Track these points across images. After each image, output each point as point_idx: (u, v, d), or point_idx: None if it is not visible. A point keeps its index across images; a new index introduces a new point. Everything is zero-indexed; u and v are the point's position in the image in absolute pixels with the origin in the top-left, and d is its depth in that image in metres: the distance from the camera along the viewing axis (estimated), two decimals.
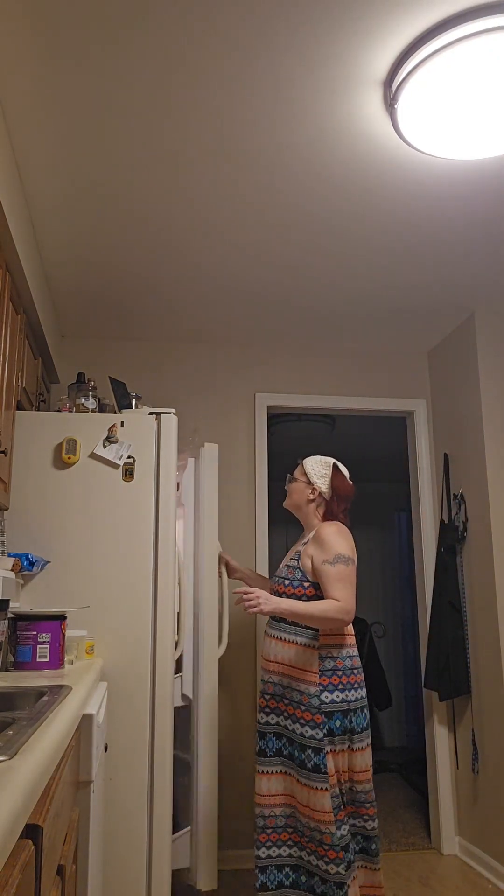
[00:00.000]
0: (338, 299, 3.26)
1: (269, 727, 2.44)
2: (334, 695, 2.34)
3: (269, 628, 2.51)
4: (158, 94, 1.94)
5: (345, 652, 2.40)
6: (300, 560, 2.47)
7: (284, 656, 2.42)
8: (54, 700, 1.43)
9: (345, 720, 2.33)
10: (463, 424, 3.46)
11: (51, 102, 1.97)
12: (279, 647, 2.44)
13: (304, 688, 2.35)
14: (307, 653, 2.38)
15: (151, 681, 2.49)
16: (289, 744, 2.38)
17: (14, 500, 2.56)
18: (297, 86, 1.90)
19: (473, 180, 2.33)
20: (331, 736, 2.32)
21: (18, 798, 0.78)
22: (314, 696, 2.33)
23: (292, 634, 2.42)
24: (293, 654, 2.40)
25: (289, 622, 2.43)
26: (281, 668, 2.42)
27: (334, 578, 2.35)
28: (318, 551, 2.42)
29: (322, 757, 2.28)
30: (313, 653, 2.37)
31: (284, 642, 2.43)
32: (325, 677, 2.35)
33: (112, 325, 3.52)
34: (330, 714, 2.32)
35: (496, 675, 3.06)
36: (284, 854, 2.37)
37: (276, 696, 2.43)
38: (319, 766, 2.28)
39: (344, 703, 2.34)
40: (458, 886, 3.02)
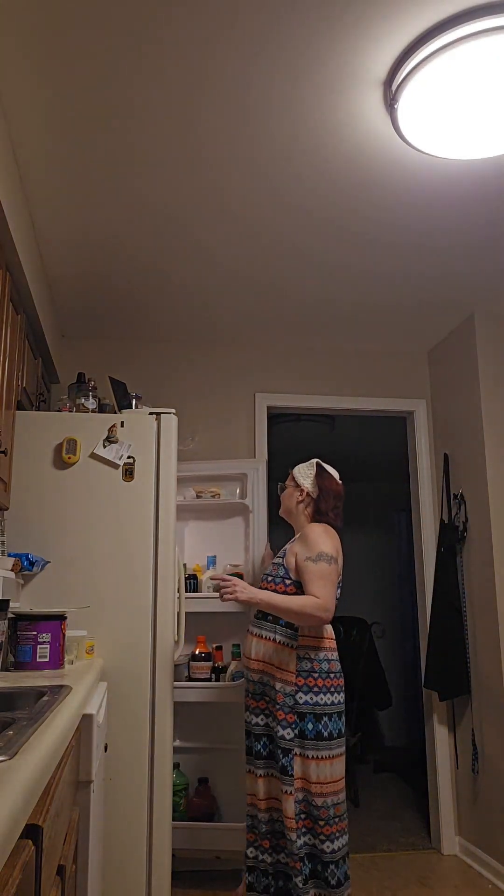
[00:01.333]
0: (338, 299, 3.26)
1: (259, 728, 2.45)
2: (308, 696, 2.33)
3: (251, 626, 2.54)
4: (159, 93, 1.94)
5: (322, 655, 2.39)
6: (285, 557, 2.50)
7: (264, 653, 2.45)
8: (54, 700, 1.43)
9: (318, 724, 2.31)
10: (463, 424, 3.46)
11: (51, 102, 1.97)
12: (259, 645, 2.47)
13: (280, 686, 2.37)
14: (285, 651, 2.39)
15: (151, 681, 2.49)
16: (270, 743, 2.41)
17: (14, 500, 2.56)
18: (298, 85, 1.90)
19: (473, 180, 2.33)
20: (301, 738, 2.31)
21: (18, 798, 0.78)
22: (289, 696, 2.33)
23: (272, 632, 2.44)
24: (272, 652, 2.42)
25: (270, 619, 2.45)
26: (261, 665, 2.45)
27: (315, 575, 2.35)
28: (302, 549, 2.44)
29: (290, 759, 2.28)
30: (291, 652, 2.38)
31: (264, 639, 2.46)
32: (301, 678, 2.34)
33: (112, 325, 3.52)
34: (302, 715, 2.31)
35: (496, 675, 3.06)
36: (268, 860, 2.37)
37: (257, 695, 2.46)
38: (286, 768, 2.28)
39: (318, 706, 2.33)
40: (458, 886, 3.02)
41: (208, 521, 3.53)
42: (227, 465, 3.49)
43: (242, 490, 3.51)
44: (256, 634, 2.49)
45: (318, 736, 2.31)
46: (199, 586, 3.32)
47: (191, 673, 3.23)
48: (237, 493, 3.49)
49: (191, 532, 3.52)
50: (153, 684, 2.49)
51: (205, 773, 3.29)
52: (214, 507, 3.48)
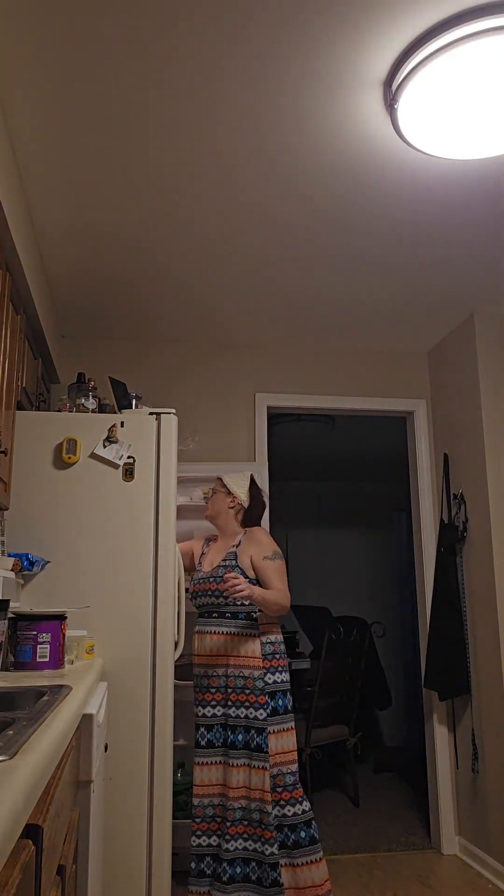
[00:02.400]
0: (338, 299, 3.26)
1: (216, 719, 2.63)
2: (276, 676, 2.62)
3: (200, 626, 2.75)
4: (159, 94, 1.94)
5: (278, 637, 2.71)
6: (238, 559, 2.73)
7: (228, 647, 2.65)
8: (54, 700, 1.43)
9: (285, 699, 2.60)
10: (463, 424, 3.46)
11: (51, 102, 1.97)
12: (220, 640, 2.67)
13: (249, 672, 2.60)
14: (248, 640, 2.64)
15: (151, 681, 2.49)
16: (229, 731, 2.58)
17: (14, 500, 2.56)
18: (298, 85, 1.90)
19: (473, 180, 2.33)
20: (273, 715, 2.57)
21: (18, 798, 0.78)
22: (258, 679, 2.58)
23: (231, 626, 2.68)
24: (235, 644, 2.65)
25: (227, 616, 2.68)
26: (225, 659, 2.65)
27: (276, 571, 2.68)
28: (256, 550, 2.72)
29: (264, 737, 2.53)
30: (255, 640, 2.64)
31: (225, 635, 2.67)
32: (267, 661, 2.62)
33: (112, 325, 3.52)
34: (273, 694, 2.59)
35: (496, 675, 3.06)
36: (215, 844, 2.55)
37: (218, 689, 2.64)
38: (261, 746, 2.52)
39: (282, 683, 2.63)
40: (458, 886, 3.02)
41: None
42: (231, 468, 3.50)
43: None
44: (211, 631, 2.70)
45: (286, 710, 2.61)
46: None
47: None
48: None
49: (199, 533, 3.52)
50: (153, 684, 2.49)
51: None
52: None
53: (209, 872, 2.52)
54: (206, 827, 2.56)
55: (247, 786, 2.52)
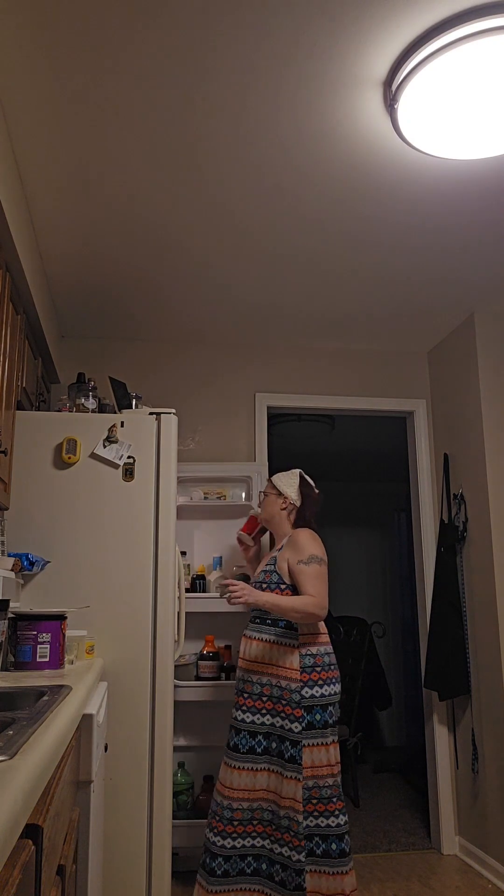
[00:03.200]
0: (338, 299, 3.26)
1: (247, 725, 2.55)
2: (314, 690, 2.50)
3: (248, 630, 2.67)
4: (159, 94, 1.94)
5: (322, 649, 2.57)
6: (276, 564, 2.65)
7: (264, 654, 2.58)
8: (54, 700, 1.43)
9: (324, 714, 2.49)
10: (463, 424, 3.46)
11: (51, 102, 1.97)
12: (258, 646, 2.60)
13: (286, 684, 2.51)
14: (286, 650, 2.54)
15: (151, 681, 2.49)
16: (270, 739, 2.52)
17: (14, 500, 2.56)
18: (298, 86, 1.90)
19: (473, 180, 2.33)
20: (309, 729, 2.47)
21: (18, 798, 0.78)
22: (294, 692, 2.49)
23: (270, 633, 2.58)
24: (272, 652, 2.56)
25: (269, 622, 2.60)
26: (260, 666, 2.57)
27: (309, 576, 2.54)
28: (292, 554, 2.62)
29: (298, 749, 2.45)
30: (293, 651, 2.53)
31: (263, 641, 2.59)
32: (306, 673, 2.50)
33: (112, 325, 3.52)
34: (310, 708, 2.48)
35: (496, 675, 3.06)
36: (248, 844, 2.50)
37: (254, 695, 2.56)
38: (295, 758, 2.45)
39: (323, 697, 2.50)
40: (458, 886, 3.02)
41: (214, 522, 3.54)
42: (232, 468, 3.50)
43: (248, 492, 3.51)
44: (255, 637, 2.62)
45: (324, 725, 2.49)
46: (206, 587, 3.33)
47: (199, 672, 3.24)
48: (242, 495, 3.50)
49: (199, 533, 3.52)
50: (153, 684, 2.49)
51: (211, 771, 3.30)
52: (220, 508, 3.49)
53: (249, 871, 2.48)
54: (243, 830, 2.49)
55: (277, 792, 2.48)
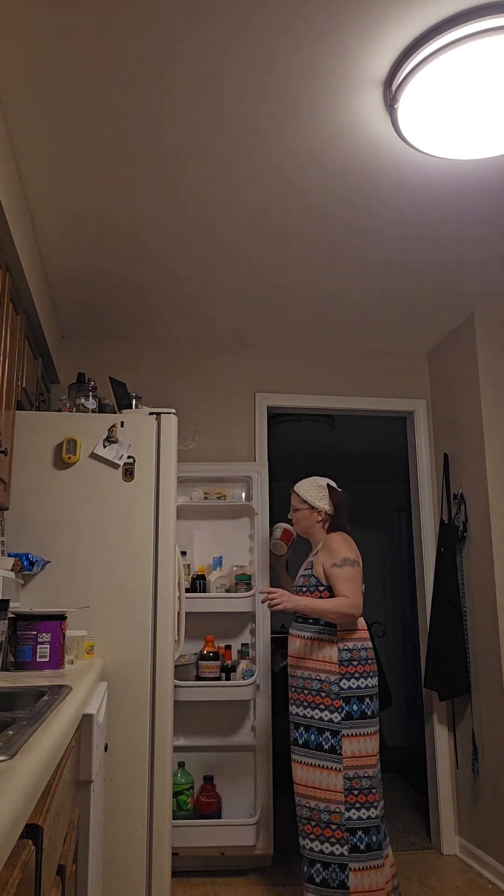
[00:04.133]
0: (338, 299, 3.26)
1: (298, 718, 2.64)
2: (351, 682, 2.58)
3: (292, 628, 2.77)
4: (159, 94, 1.94)
5: (359, 644, 2.65)
6: (313, 568, 2.74)
7: (305, 650, 2.67)
8: (54, 700, 1.43)
9: (361, 705, 2.57)
10: (463, 424, 3.46)
11: (51, 102, 1.97)
12: (300, 643, 2.70)
13: (325, 676, 2.60)
14: (325, 645, 2.64)
15: (151, 681, 2.49)
16: (310, 731, 2.59)
17: (14, 500, 2.56)
18: (298, 86, 1.90)
19: (473, 180, 2.33)
20: (348, 720, 2.55)
21: (18, 798, 0.78)
22: (333, 684, 2.58)
23: (310, 631, 2.68)
24: (312, 647, 2.66)
25: (309, 621, 2.70)
26: (303, 661, 2.67)
27: (343, 578, 2.64)
28: (327, 558, 2.71)
29: (338, 739, 2.53)
30: (332, 646, 2.63)
31: (304, 638, 2.69)
32: (343, 667, 2.60)
33: (112, 325, 3.52)
34: (348, 699, 2.57)
35: (496, 675, 3.06)
36: (326, 850, 2.49)
37: (298, 689, 2.67)
38: (336, 748, 2.53)
39: (360, 689, 2.58)
40: (458, 886, 3.02)
41: (214, 522, 3.53)
42: (232, 468, 3.51)
43: (248, 492, 3.51)
44: (297, 635, 2.73)
45: (361, 715, 2.57)
46: (207, 587, 3.33)
47: (199, 672, 3.24)
48: (243, 495, 3.50)
49: (199, 533, 3.52)
50: (153, 684, 2.49)
51: (210, 770, 3.30)
52: (221, 508, 3.49)
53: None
54: (314, 830, 2.52)
55: (317, 786, 2.52)
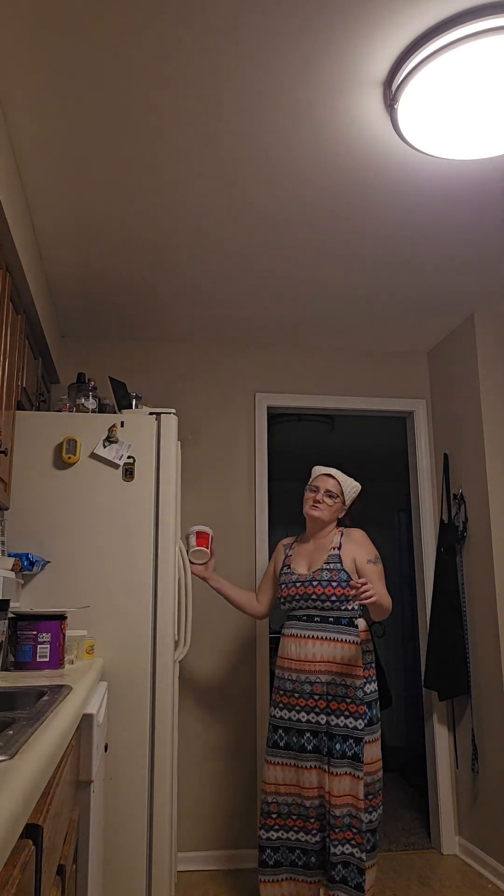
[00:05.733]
0: (337, 299, 3.26)
1: (312, 725, 2.51)
2: (371, 685, 2.53)
3: (299, 629, 2.59)
4: (160, 93, 1.94)
5: (371, 645, 2.62)
6: (342, 562, 2.61)
7: (337, 655, 2.53)
8: (54, 700, 1.43)
9: (375, 708, 2.55)
10: (463, 424, 3.46)
11: (51, 100, 1.97)
12: (330, 647, 2.54)
13: (351, 681, 2.50)
14: (356, 649, 2.54)
15: (151, 681, 2.49)
16: (325, 738, 2.50)
17: (14, 500, 2.56)
18: (298, 86, 1.90)
19: (473, 180, 2.33)
20: (370, 725, 2.50)
21: (18, 798, 0.78)
22: (359, 689, 2.49)
23: (344, 633, 2.56)
24: (346, 652, 2.53)
25: (331, 621, 2.56)
26: (334, 666, 2.52)
27: (379, 575, 2.60)
28: (359, 552, 2.63)
29: (361, 746, 2.47)
30: (359, 648, 2.55)
31: (335, 641, 2.55)
32: (367, 670, 2.54)
33: (112, 325, 3.52)
34: (370, 704, 2.51)
35: (496, 675, 3.06)
36: (293, 838, 2.52)
37: (316, 695, 2.52)
38: (359, 755, 2.46)
39: (374, 692, 2.55)
40: (458, 886, 3.02)
41: None
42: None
43: None
44: (321, 638, 2.56)
45: (378, 719, 2.56)
46: None
47: None
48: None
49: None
50: (153, 684, 2.49)
51: None
52: None
53: (286, 863, 2.52)
54: (283, 823, 2.53)
55: (342, 793, 2.45)
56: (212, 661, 3.43)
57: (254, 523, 3.59)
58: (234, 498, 3.60)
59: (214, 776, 3.34)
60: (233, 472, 3.63)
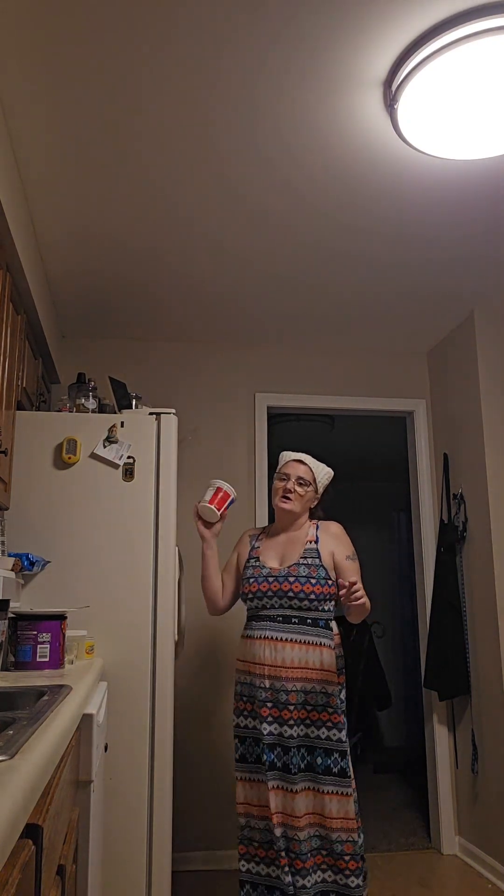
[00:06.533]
0: (337, 299, 3.26)
1: (295, 741, 2.26)
2: (344, 693, 2.34)
3: (285, 632, 2.31)
4: (161, 93, 1.94)
5: (341, 650, 2.43)
6: (321, 557, 2.37)
7: (317, 660, 2.29)
8: (54, 700, 1.43)
9: (348, 720, 2.35)
10: (463, 424, 3.46)
11: (51, 101, 1.97)
12: (308, 651, 2.28)
13: (331, 689, 2.28)
14: (332, 654, 2.32)
15: (151, 681, 2.49)
16: (307, 752, 2.28)
17: (14, 500, 2.56)
18: (298, 86, 1.90)
19: (473, 180, 2.33)
20: (350, 736, 2.29)
21: (18, 798, 0.78)
22: (337, 696, 2.28)
23: (323, 637, 2.31)
24: (325, 658, 2.29)
25: (308, 622, 2.31)
26: (315, 673, 2.28)
27: (358, 574, 2.40)
28: (338, 547, 2.42)
29: (346, 759, 2.25)
30: (332, 652, 2.32)
31: (314, 645, 2.29)
32: (340, 676, 2.34)
33: (112, 325, 3.52)
34: (346, 713, 2.31)
35: (496, 675, 3.06)
36: (264, 873, 2.26)
37: (299, 706, 2.27)
38: (345, 770, 2.24)
39: (346, 702, 2.36)
40: (458, 887, 3.02)
41: None
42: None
43: None
44: (299, 641, 2.29)
45: (349, 731, 2.36)
46: None
47: None
48: None
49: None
50: (153, 684, 2.49)
51: None
52: None
53: None
54: (265, 854, 2.26)
55: (331, 815, 2.23)
56: (209, 660, 3.43)
57: (254, 523, 3.59)
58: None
59: (214, 776, 3.34)
60: (233, 472, 3.63)
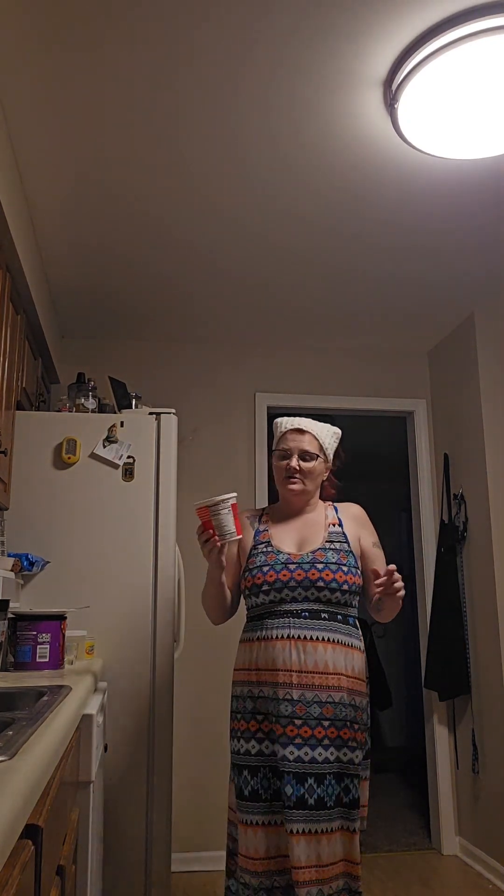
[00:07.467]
0: (337, 299, 3.26)
1: (329, 766, 1.78)
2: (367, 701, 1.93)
3: (314, 629, 1.85)
4: (161, 93, 1.94)
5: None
6: (349, 542, 1.97)
7: (348, 665, 1.86)
8: (54, 700, 1.43)
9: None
10: (463, 424, 3.46)
11: (51, 101, 1.97)
12: (340, 655, 1.85)
13: (360, 701, 1.86)
14: (363, 659, 1.91)
15: (151, 681, 2.49)
16: (338, 782, 1.80)
17: (14, 500, 2.56)
18: (298, 85, 1.90)
19: (473, 180, 2.32)
20: (366, 758, 1.88)
21: (18, 798, 0.78)
22: (364, 711, 1.87)
23: (353, 637, 1.89)
24: (356, 663, 1.88)
25: (339, 619, 1.88)
26: (345, 681, 1.84)
27: (384, 561, 2.03)
28: (364, 532, 2.04)
29: (356, 785, 1.82)
30: (362, 655, 1.92)
31: (345, 647, 1.86)
32: (368, 684, 1.96)
33: (112, 325, 3.52)
34: (368, 728, 1.90)
35: (496, 675, 3.06)
36: None
37: (333, 721, 1.80)
38: (356, 799, 1.79)
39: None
40: (459, 887, 3.02)
41: None
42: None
43: None
44: (330, 640, 1.85)
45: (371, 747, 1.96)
46: None
47: None
48: None
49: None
50: (153, 684, 2.49)
51: None
52: None
53: None
54: None
55: (333, 860, 1.74)
56: (208, 660, 3.43)
57: None
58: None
59: (213, 776, 3.34)
60: (233, 472, 3.63)
